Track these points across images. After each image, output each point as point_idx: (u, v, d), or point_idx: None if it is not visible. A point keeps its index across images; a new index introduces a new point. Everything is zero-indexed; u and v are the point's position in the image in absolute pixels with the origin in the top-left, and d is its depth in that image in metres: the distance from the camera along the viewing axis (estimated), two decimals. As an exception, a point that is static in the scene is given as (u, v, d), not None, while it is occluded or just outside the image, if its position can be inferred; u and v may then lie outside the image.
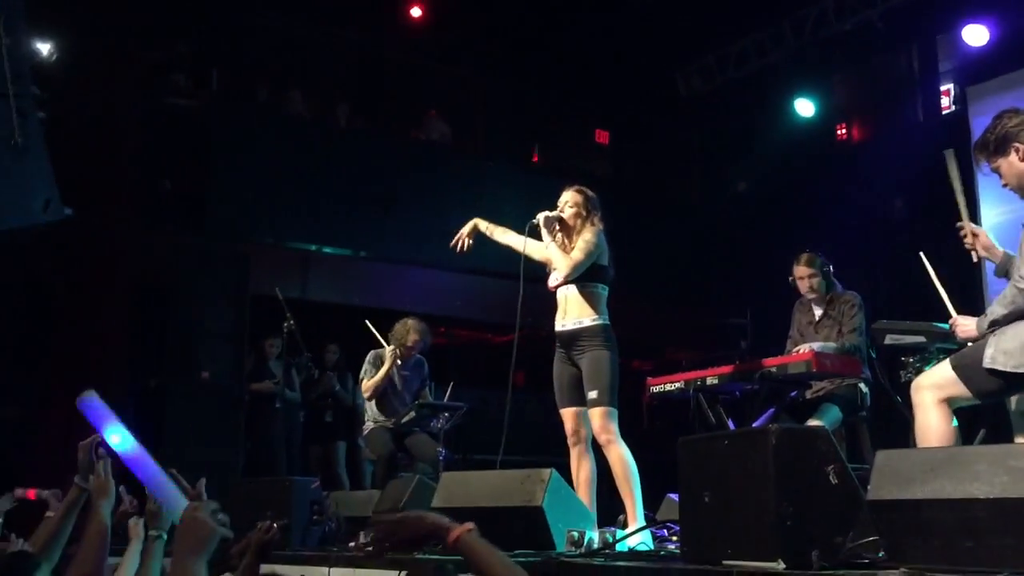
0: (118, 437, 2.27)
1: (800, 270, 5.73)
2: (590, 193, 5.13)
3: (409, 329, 7.10)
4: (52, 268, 8.42)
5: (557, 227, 5.04)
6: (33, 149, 6.57)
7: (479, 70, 12.10)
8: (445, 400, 7.21)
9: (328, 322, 9.57)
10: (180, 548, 2.11)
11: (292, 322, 7.69)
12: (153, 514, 2.96)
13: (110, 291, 8.52)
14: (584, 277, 4.95)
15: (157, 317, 8.81)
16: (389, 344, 7.14)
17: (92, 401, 2.32)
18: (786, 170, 11.15)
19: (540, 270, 5.14)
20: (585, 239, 4.95)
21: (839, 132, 11.39)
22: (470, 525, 2.54)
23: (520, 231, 5.09)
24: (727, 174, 12.24)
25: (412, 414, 6.86)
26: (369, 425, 7.11)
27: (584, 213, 5.03)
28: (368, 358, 7.19)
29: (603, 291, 5.01)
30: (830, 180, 10.67)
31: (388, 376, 7.02)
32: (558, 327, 5.03)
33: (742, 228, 11.54)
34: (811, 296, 5.74)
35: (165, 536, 3.26)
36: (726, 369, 5.44)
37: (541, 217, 5.00)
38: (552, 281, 5.07)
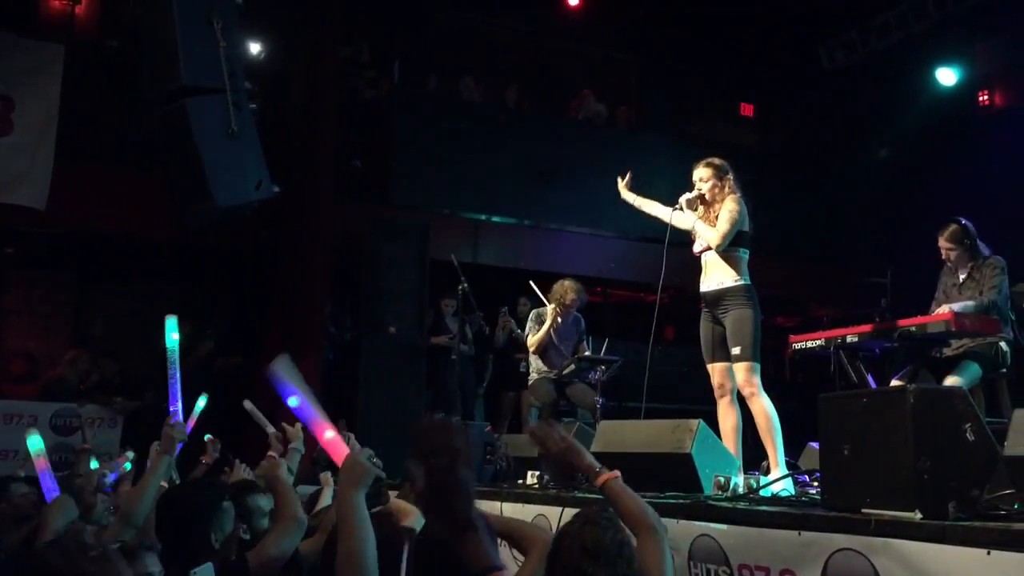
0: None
1: (941, 242, 5.43)
2: (718, 162, 4.99)
3: (567, 289, 7.12)
4: (265, 238, 8.86)
5: (699, 204, 4.97)
6: (247, 136, 6.94)
7: (630, 52, 11.95)
8: (602, 353, 7.21)
9: (496, 283, 9.70)
10: (343, 483, 2.34)
11: (466, 284, 7.82)
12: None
13: (312, 257, 8.89)
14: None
15: (351, 279, 9.17)
16: (550, 303, 7.18)
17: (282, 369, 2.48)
18: (928, 136, 10.58)
19: (686, 235, 5.06)
20: (728, 209, 4.82)
21: (981, 99, 10.70)
22: (616, 473, 2.62)
23: (668, 202, 5.03)
24: (869, 141, 11.72)
25: (572, 366, 6.90)
26: (533, 376, 7.19)
27: (719, 183, 4.92)
28: (531, 316, 7.27)
29: (744, 255, 4.88)
30: (972, 145, 10.09)
31: (550, 332, 7.07)
32: (703, 288, 4.95)
33: (883, 192, 11.06)
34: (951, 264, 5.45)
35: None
36: (867, 327, 5.20)
37: (683, 201, 4.96)
38: (697, 247, 5.00)
